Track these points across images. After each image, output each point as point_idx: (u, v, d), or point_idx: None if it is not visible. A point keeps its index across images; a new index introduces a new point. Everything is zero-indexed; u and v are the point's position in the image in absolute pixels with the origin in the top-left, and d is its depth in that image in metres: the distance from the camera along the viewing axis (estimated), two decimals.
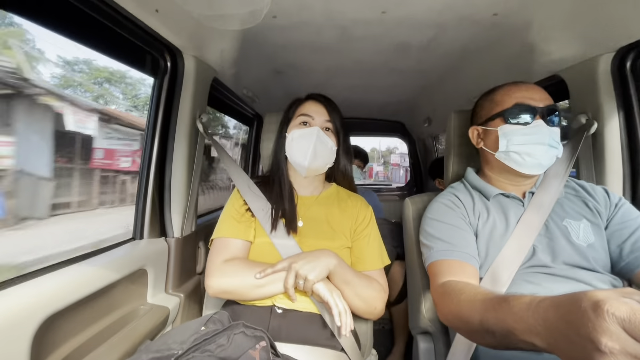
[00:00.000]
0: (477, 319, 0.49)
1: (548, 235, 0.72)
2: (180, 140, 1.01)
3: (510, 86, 0.76)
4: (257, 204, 0.86)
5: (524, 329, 0.40)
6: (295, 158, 0.86)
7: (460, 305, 0.56)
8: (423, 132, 2.51)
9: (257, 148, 2.04)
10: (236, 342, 0.59)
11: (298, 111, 0.90)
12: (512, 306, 0.43)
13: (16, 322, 0.54)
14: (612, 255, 0.71)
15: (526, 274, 0.69)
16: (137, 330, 0.79)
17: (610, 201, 0.74)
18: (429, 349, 0.90)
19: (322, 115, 0.88)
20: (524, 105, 0.71)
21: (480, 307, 0.50)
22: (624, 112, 0.87)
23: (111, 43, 0.82)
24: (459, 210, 0.78)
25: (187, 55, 0.98)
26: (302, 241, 0.82)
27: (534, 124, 0.71)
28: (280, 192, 0.88)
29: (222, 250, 0.80)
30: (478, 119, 0.83)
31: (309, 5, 0.87)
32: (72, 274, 0.69)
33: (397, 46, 1.14)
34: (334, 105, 0.91)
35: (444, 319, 0.63)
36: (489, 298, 0.50)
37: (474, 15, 0.90)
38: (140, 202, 0.98)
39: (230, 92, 1.40)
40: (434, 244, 0.74)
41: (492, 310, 0.47)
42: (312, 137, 0.84)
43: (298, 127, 0.88)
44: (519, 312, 0.41)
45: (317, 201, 0.90)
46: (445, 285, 0.65)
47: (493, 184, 0.81)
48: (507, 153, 0.74)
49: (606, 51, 0.85)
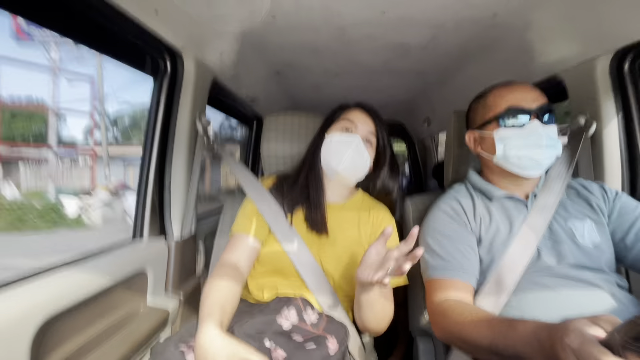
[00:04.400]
0: (485, 342, 0.54)
1: (553, 237, 0.72)
2: (180, 142, 1.00)
3: (501, 89, 0.75)
4: (265, 204, 0.83)
5: (530, 352, 0.46)
6: (329, 161, 0.82)
7: (463, 326, 0.59)
8: (422, 133, 2.51)
9: (257, 149, 2.04)
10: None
11: (343, 116, 0.86)
12: (519, 332, 0.49)
13: (16, 324, 0.54)
14: (617, 249, 0.71)
15: (531, 276, 0.68)
16: (137, 332, 0.79)
17: (608, 196, 0.75)
18: (429, 350, 0.90)
19: (367, 126, 0.84)
20: (517, 108, 0.70)
21: (488, 331, 0.54)
22: (623, 113, 0.87)
23: (111, 43, 0.82)
24: (460, 219, 0.77)
25: (186, 56, 0.98)
26: (323, 249, 0.80)
27: (529, 126, 0.70)
28: (310, 193, 0.84)
29: (231, 246, 0.79)
30: (473, 123, 0.82)
31: (308, 6, 0.87)
32: (72, 275, 0.69)
33: (396, 47, 1.14)
34: (381, 118, 0.87)
35: (441, 337, 0.66)
36: (495, 322, 0.55)
37: (473, 16, 0.90)
38: (140, 203, 0.97)
39: (229, 93, 1.40)
40: (433, 259, 0.74)
41: (502, 338, 0.51)
42: (351, 144, 0.80)
43: (340, 131, 0.84)
44: (525, 337, 0.47)
45: (343, 209, 0.87)
46: (443, 305, 0.66)
47: (496, 185, 0.80)
48: (505, 157, 0.73)
49: (605, 52, 0.85)
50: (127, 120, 20.73)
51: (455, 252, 0.72)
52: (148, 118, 0.99)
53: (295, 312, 0.66)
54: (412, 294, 0.96)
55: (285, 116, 1.05)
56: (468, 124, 0.85)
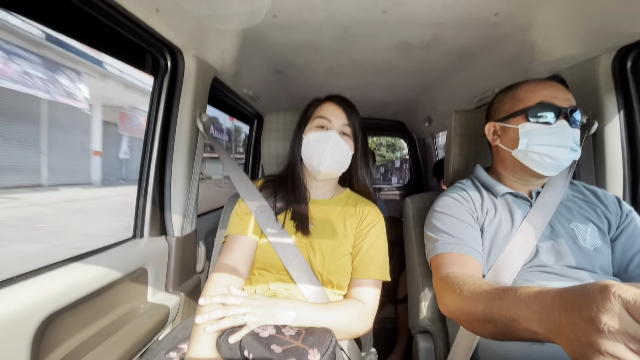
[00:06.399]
0: (480, 308, 0.49)
1: (553, 237, 0.72)
2: (180, 140, 1.01)
3: (534, 83, 0.73)
4: (257, 205, 0.85)
5: (527, 315, 0.40)
6: (311, 161, 0.85)
7: (462, 295, 0.55)
8: (423, 132, 2.51)
9: (257, 147, 2.04)
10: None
11: (316, 113, 0.88)
12: (520, 294, 0.43)
13: (16, 321, 0.54)
14: (614, 264, 0.70)
15: (527, 273, 0.69)
16: (137, 329, 0.79)
17: (622, 211, 0.73)
18: (428, 348, 0.90)
19: (340, 119, 0.85)
20: (549, 104, 0.68)
21: (485, 296, 0.50)
22: (624, 112, 0.87)
23: (111, 42, 0.82)
24: (467, 205, 0.77)
25: (187, 54, 0.98)
26: (310, 243, 0.82)
27: (558, 124, 0.68)
28: (293, 193, 0.87)
29: (226, 248, 0.80)
30: (496, 114, 0.79)
31: (309, 5, 0.86)
32: (73, 272, 0.69)
33: (397, 45, 1.14)
34: (353, 108, 0.89)
35: (446, 310, 0.62)
36: (495, 288, 0.50)
37: (475, 15, 0.89)
38: (141, 200, 0.98)
39: (230, 91, 1.40)
40: (440, 236, 0.73)
41: (498, 299, 0.47)
42: (328, 142, 0.82)
43: (315, 129, 0.85)
44: (526, 299, 0.41)
45: (328, 204, 0.89)
46: (448, 277, 0.64)
47: (502, 182, 0.80)
48: (526, 152, 0.71)
49: (607, 51, 0.84)
50: None
51: (462, 231, 0.72)
52: (149, 116, 0.99)
53: (273, 326, 0.65)
54: (412, 292, 0.96)
55: (286, 115, 1.05)
56: (489, 115, 0.83)
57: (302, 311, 0.67)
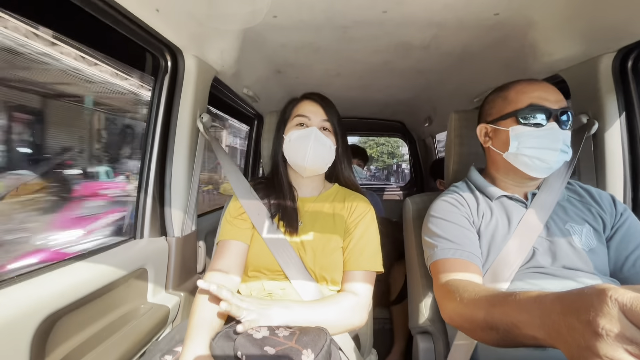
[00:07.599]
0: (481, 315, 0.49)
1: (549, 238, 0.71)
2: (180, 140, 1.01)
3: (525, 84, 0.73)
4: (253, 206, 0.86)
5: (527, 320, 0.40)
6: (294, 159, 0.86)
7: (463, 303, 0.55)
8: (423, 132, 2.51)
9: (257, 148, 2.04)
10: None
11: (294, 112, 0.89)
12: (519, 299, 0.43)
13: (17, 321, 0.54)
14: (610, 264, 0.70)
15: (524, 274, 0.69)
16: (138, 329, 0.79)
17: (617, 210, 0.73)
18: (428, 348, 0.90)
19: (319, 115, 0.87)
20: (539, 107, 0.68)
21: (485, 302, 0.50)
22: (625, 113, 0.87)
23: (111, 42, 0.82)
24: (463, 209, 0.77)
25: (187, 54, 0.98)
26: (300, 241, 0.82)
27: (548, 127, 0.68)
28: (280, 193, 0.88)
29: (216, 254, 0.81)
30: (487, 116, 0.79)
31: (309, 5, 0.86)
32: (73, 272, 0.69)
33: (397, 46, 1.14)
34: (330, 104, 0.90)
35: (448, 318, 0.62)
36: (496, 294, 0.50)
37: (475, 15, 0.89)
38: (141, 201, 0.98)
39: (230, 91, 1.40)
40: (438, 242, 0.73)
41: (498, 305, 0.47)
42: (309, 138, 0.83)
43: (295, 128, 0.87)
44: (525, 304, 0.42)
45: (316, 201, 0.90)
46: (448, 284, 0.64)
47: (496, 184, 0.80)
48: (517, 155, 0.71)
49: (607, 51, 0.84)
50: None
51: (459, 236, 0.72)
52: (148, 116, 0.99)
53: (267, 328, 0.65)
54: (412, 293, 0.96)
55: None
56: (481, 117, 0.83)
57: (296, 310, 0.68)
